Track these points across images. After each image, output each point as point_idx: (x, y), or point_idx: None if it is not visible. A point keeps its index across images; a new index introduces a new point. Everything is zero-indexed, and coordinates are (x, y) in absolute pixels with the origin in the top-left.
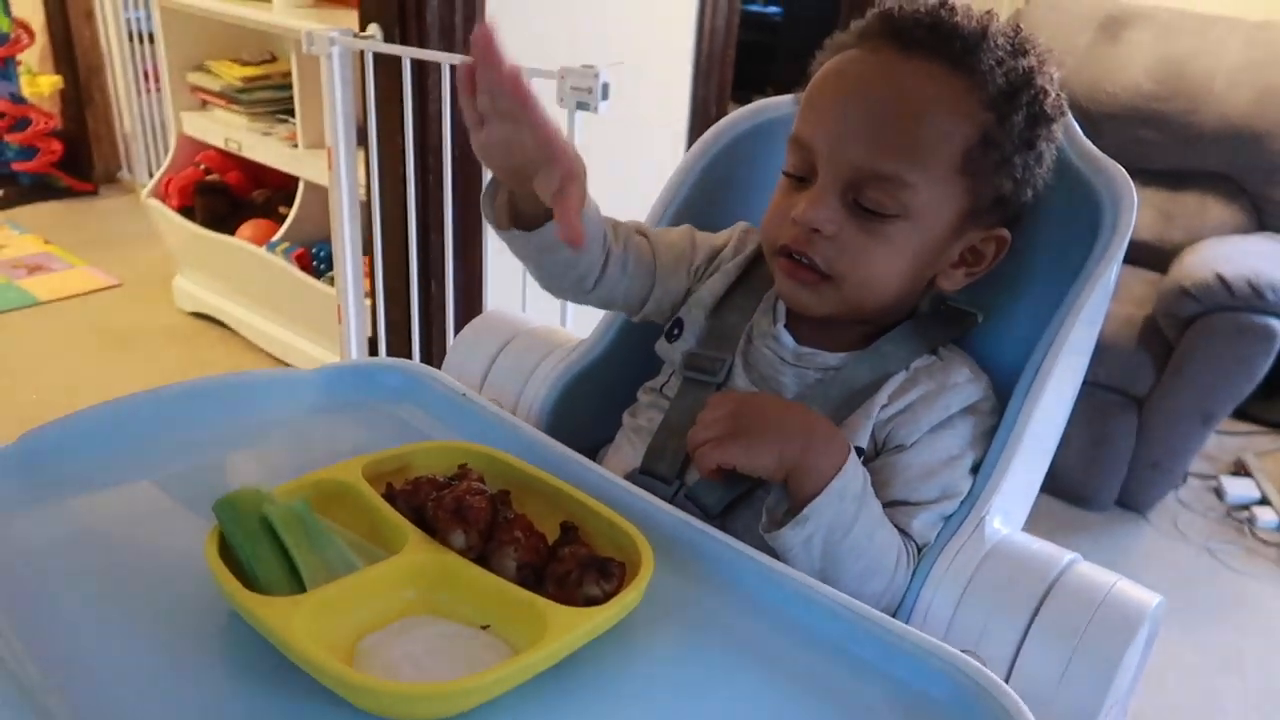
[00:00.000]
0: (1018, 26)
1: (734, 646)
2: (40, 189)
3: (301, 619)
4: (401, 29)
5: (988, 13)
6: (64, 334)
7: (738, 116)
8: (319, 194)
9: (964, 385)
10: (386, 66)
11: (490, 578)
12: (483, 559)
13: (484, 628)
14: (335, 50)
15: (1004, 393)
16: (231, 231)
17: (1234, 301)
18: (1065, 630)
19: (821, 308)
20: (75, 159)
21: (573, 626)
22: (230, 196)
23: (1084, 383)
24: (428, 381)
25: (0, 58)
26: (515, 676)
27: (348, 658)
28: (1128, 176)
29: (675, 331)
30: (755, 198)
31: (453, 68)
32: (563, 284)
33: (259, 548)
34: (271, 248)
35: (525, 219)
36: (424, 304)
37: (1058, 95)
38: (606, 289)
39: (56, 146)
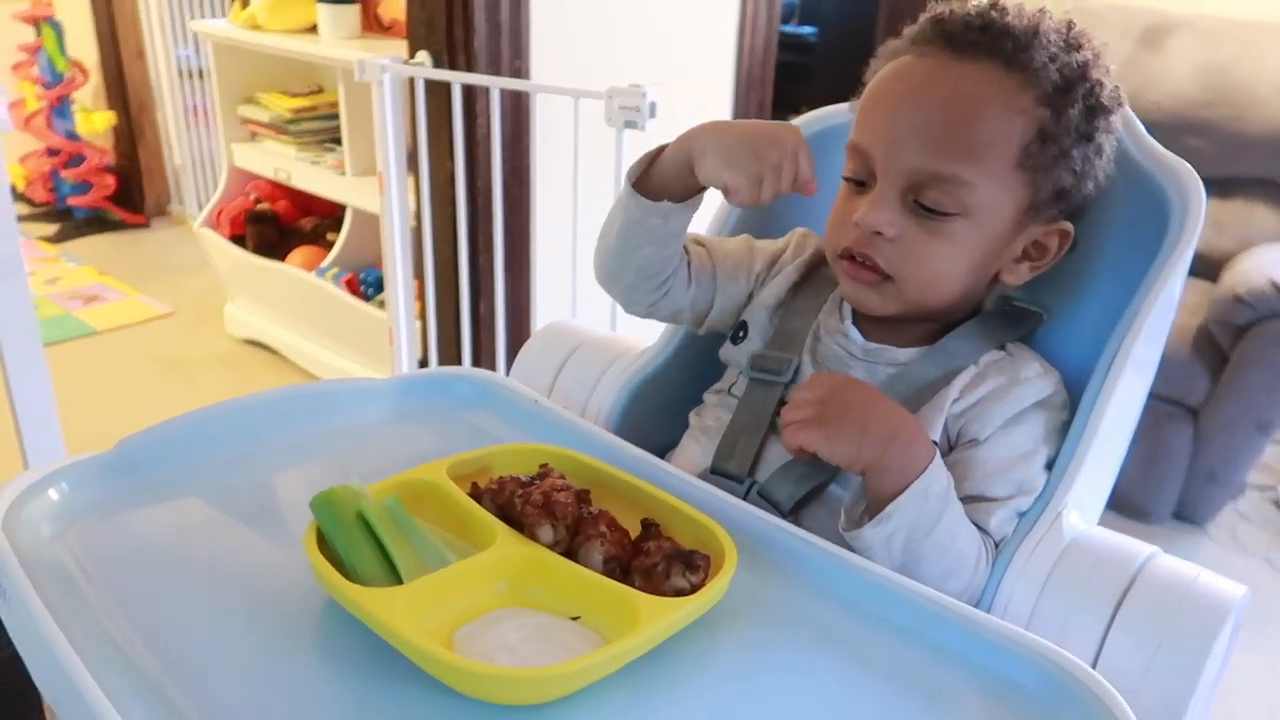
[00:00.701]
0: (1070, 22)
1: (815, 637)
2: (94, 222)
3: (401, 608)
4: (450, 55)
5: (1040, 10)
6: (121, 362)
7: (797, 126)
8: (366, 220)
9: (1035, 380)
10: (435, 92)
11: (580, 570)
12: (570, 554)
13: (575, 619)
14: (387, 77)
15: (1070, 391)
16: (282, 259)
17: None
18: (1150, 622)
19: (886, 307)
20: (128, 193)
21: (663, 616)
22: (280, 225)
23: None
24: (499, 389)
25: (57, 96)
26: (610, 663)
27: (445, 647)
28: (1195, 174)
29: (740, 334)
30: (816, 205)
31: (501, 91)
32: (651, 283)
33: (356, 542)
34: (321, 273)
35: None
36: (474, 324)
37: (1115, 87)
38: (675, 296)
39: (110, 181)
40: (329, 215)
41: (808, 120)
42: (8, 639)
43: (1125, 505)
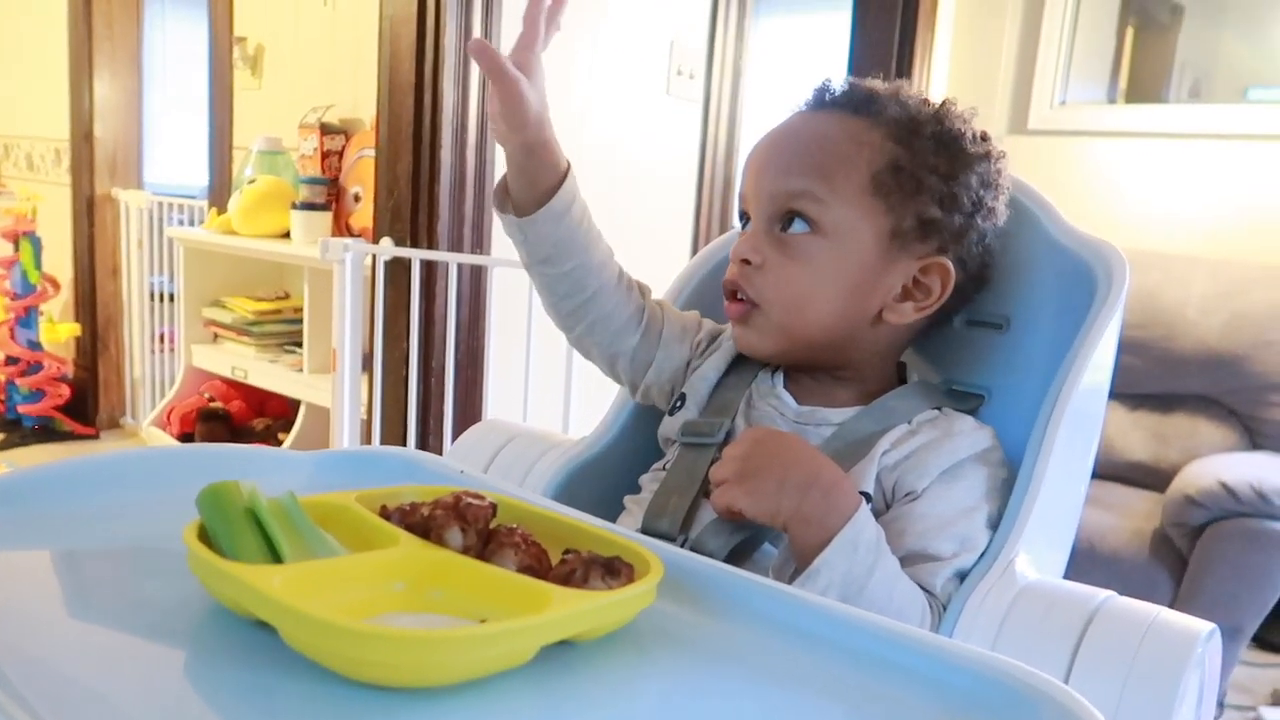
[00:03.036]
0: (946, 99)
1: (754, 665)
2: (42, 432)
3: (278, 586)
4: (412, 240)
5: (902, 84)
6: None
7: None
8: (319, 415)
9: (970, 433)
10: (396, 279)
11: (489, 569)
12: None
13: (482, 621)
14: (349, 256)
15: (1016, 464)
16: None
17: (1240, 507)
18: (1113, 660)
19: (763, 342)
20: (81, 404)
21: (578, 604)
22: (231, 424)
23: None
24: (424, 463)
25: (25, 307)
26: (514, 638)
27: None
28: (1114, 246)
29: (678, 404)
30: None
31: (460, 273)
32: (568, 289)
33: (241, 534)
34: None
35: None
36: None
37: (980, 139)
38: (615, 331)
39: (64, 390)
40: (282, 416)
41: (722, 242)
42: None
43: None
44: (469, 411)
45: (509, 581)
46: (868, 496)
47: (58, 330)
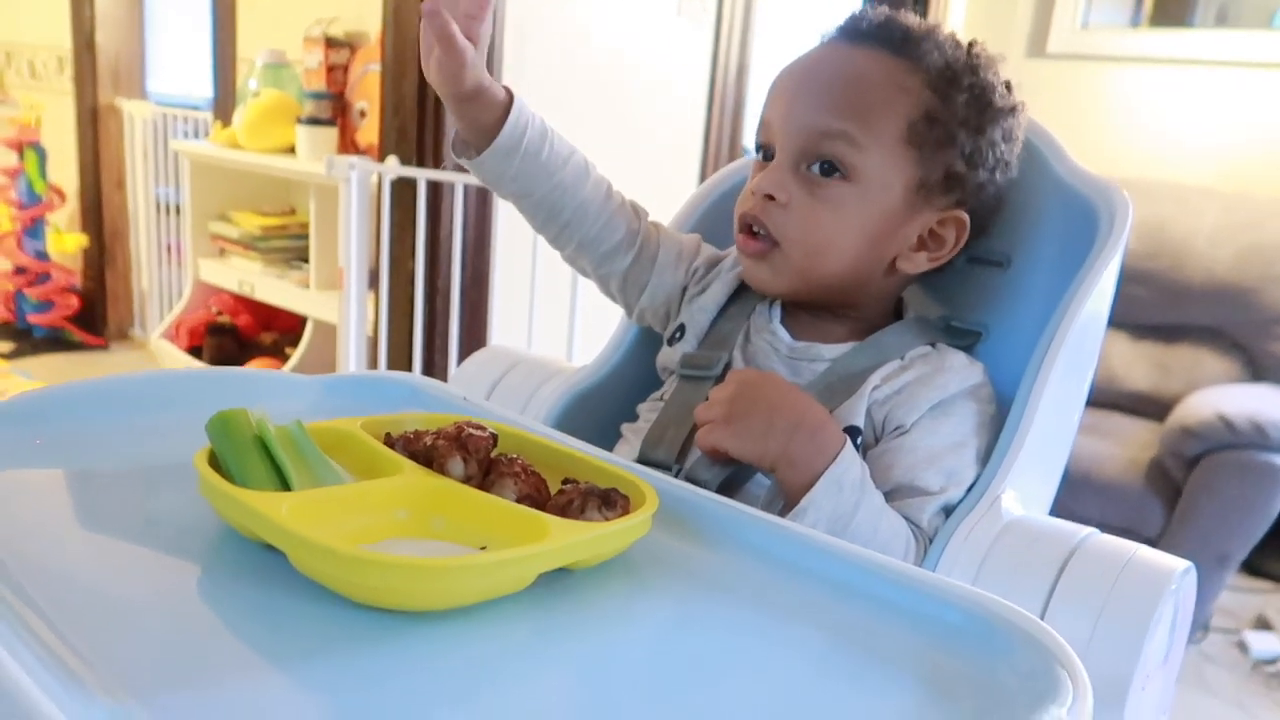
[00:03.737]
0: (974, 40)
1: (740, 593)
2: (53, 342)
3: (289, 512)
4: (418, 159)
5: (936, 25)
6: None
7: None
8: (326, 331)
9: (961, 369)
10: (402, 198)
11: (489, 498)
12: (481, 490)
13: (481, 549)
14: (354, 175)
15: (1007, 402)
16: None
17: (1237, 440)
18: (1089, 595)
19: (777, 281)
20: (91, 315)
21: (575, 534)
22: (239, 338)
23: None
24: (428, 389)
25: (31, 218)
26: (513, 567)
27: None
28: (1119, 188)
29: (678, 335)
30: None
31: (465, 195)
32: (545, 216)
33: (250, 462)
34: None
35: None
36: None
37: (1007, 90)
38: (608, 251)
39: (73, 301)
40: (289, 330)
41: (733, 169)
42: None
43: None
44: (474, 332)
45: (508, 511)
46: (858, 430)
47: (65, 241)
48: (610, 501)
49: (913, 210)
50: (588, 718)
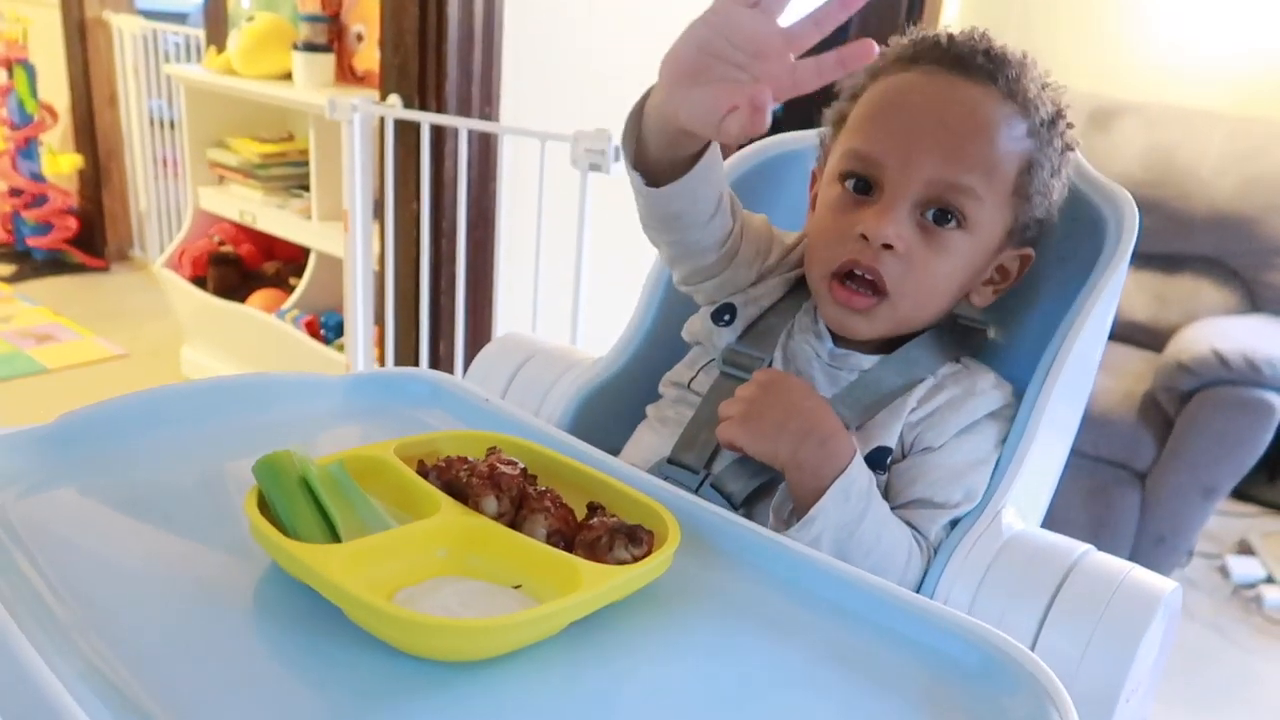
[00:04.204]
0: (1035, 59)
1: (760, 620)
2: (53, 264)
3: (338, 565)
4: (421, 99)
5: (1005, 44)
6: (72, 401)
7: (764, 145)
8: (330, 264)
9: (990, 392)
10: (405, 135)
11: (523, 539)
12: (514, 526)
13: (516, 587)
14: (357, 117)
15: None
16: (242, 301)
17: (1231, 375)
18: (1083, 613)
19: (871, 330)
20: (90, 236)
21: (604, 581)
22: (242, 268)
23: (1086, 456)
24: (451, 388)
25: (24, 138)
26: (550, 620)
27: None
28: (1128, 195)
29: (725, 319)
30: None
31: (469, 134)
32: (670, 234)
33: (297, 505)
34: (281, 315)
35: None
36: (433, 365)
37: (1073, 127)
38: (695, 249)
39: (72, 223)
40: (292, 260)
41: (765, 145)
42: None
43: None
44: (480, 270)
45: (541, 553)
46: (889, 451)
47: (60, 162)
48: (636, 539)
49: (1000, 252)
50: None
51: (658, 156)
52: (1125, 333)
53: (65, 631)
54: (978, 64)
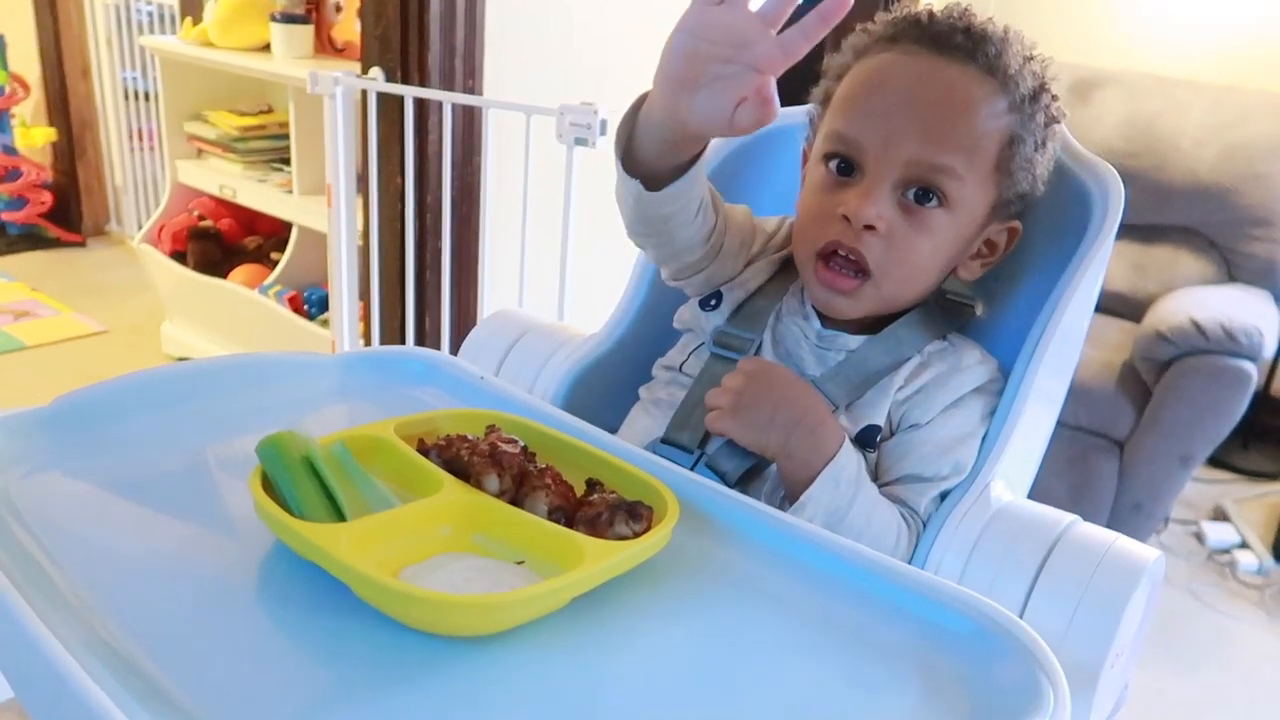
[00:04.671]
0: (1020, 33)
1: (756, 592)
2: (29, 239)
3: (345, 543)
4: (403, 73)
5: (990, 19)
6: (50, 378)
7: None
8: (312, 239)
9: (975, 367)
10: (388, 109)
11: (525, 515)
12: (515, 503)
13: (519, 563)
14: (339, 90)
15: (1004, 377)
16: (223, 277)
17: (1208, 345)
18: (1070, 582)
19: (856, 310)
20: (65, 211)
21: (606, 557)
22: (223, 243)
23: (1066, 425)
24: (446, 366)
25: None
26: (554, 596)
27: None
28: (1114, 171)
29: (712, 304)
30: (763, 198)
31: (453, 108)
32: (656, 239)
33: (302, 485)
34: (264, 291)
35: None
36: (419, 340)
37: (1060, 100)
38: (679, 248)
39: (46, 198)
40: (273, 234)
41: None
42: None
43: None
44: (465, 245)
45: (543, 529)
46: (878, 430)
47: (32, 135)
48: (636, 514)
49: (984, 228)
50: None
51: (655, 162)
52: (1104, 303)
53: (72, 608)
54: (956, 43)
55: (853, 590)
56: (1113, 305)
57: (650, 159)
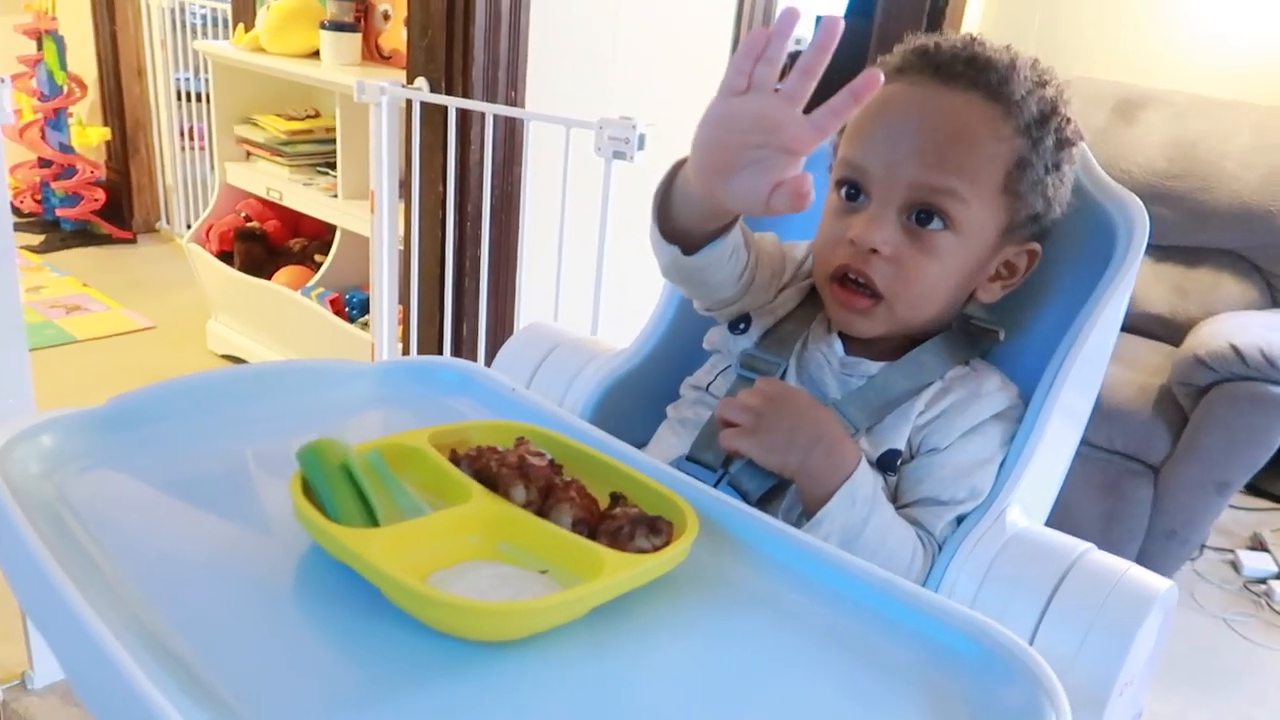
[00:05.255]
0: (1035, 59)
1: (771, 608)
2: (81, 235)
3: (377, 548)
4: (447, 83)
5: (1007, 46)
6: (99, 372)
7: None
8: (355, 243)
9: (995, 394)
10: (431, 118)
11: (550, 526)
12: (541, 515)
13: (543, 572)
14: (385, 100)
15: (1025, 403)
16: (268, 277)
17: (1248, 371)
18: (1081, 609)
19: (873, 330)
20: (117, 208)
21: (625, 569)
22: (268, 244)
23: (1099, 449)
24: (480, 378)
25: (53, 109)
26: (575, 605)
27: None
28: (1139, 201)
29: (742, 326)
30: (791, 222)
31: (495, 118)
32: (717, 279)
33: (339, 490)
34: (306, 292)
35: (686, 234)
36: (456, 346)
37: (1076, 122)
38: (712, 286)
39: (100, 195)
40: (317, 237)
41: None
42: None
43: None
44: (504, 252)
45: (566, 540)
46: (898, 454)
47: (88, 134)
48: (656, 529)
49: (998, 250)
50: None
51: (693, 229)
52: (1143, 325)
53: (120, 599)
54: (958, 72)
55: (864, 609)
56: (1152, 328)
57: (687, 226)
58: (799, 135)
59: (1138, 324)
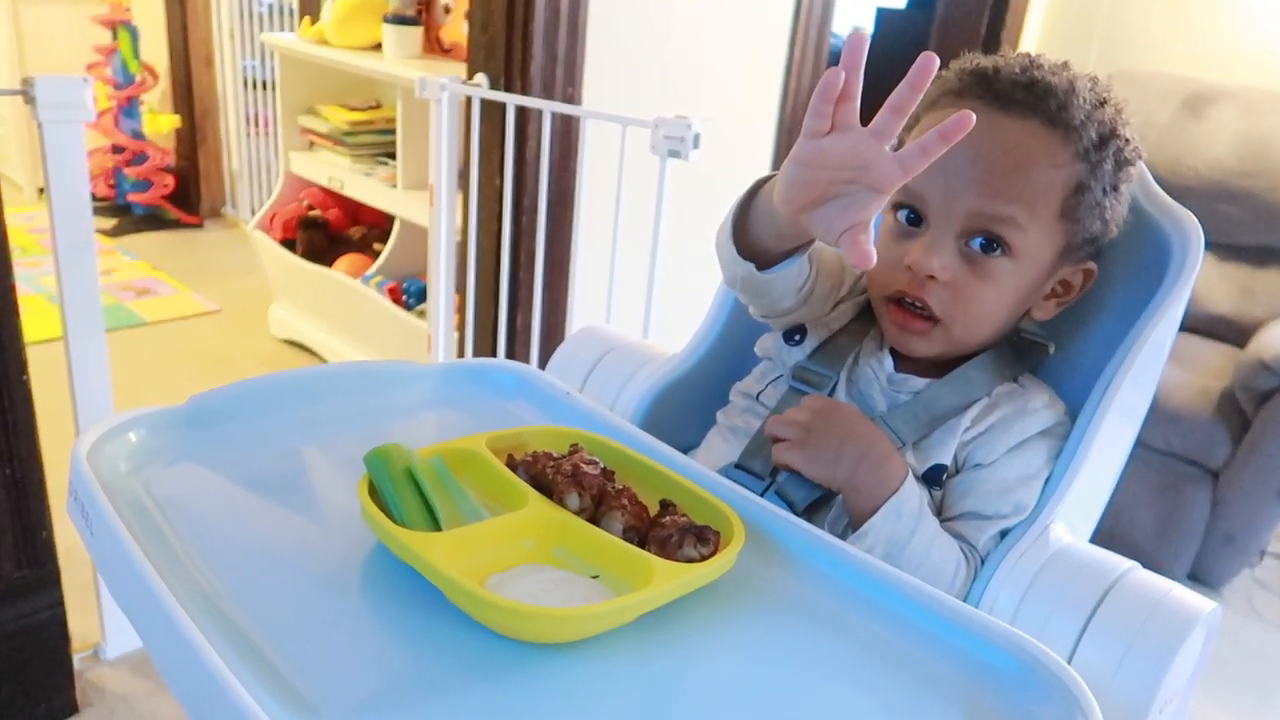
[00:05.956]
0: (1094, 77)
1: (815, 618)
2: (151, 220)
3: (440, 551)
4: (506, 79)
5: (1064, 64)
6: (167, 354)
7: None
8: (413, 232)
9: (1041, 411)
10: (490, 113)
11: (602, 534)
12: (593, 521)
13: (594, 577)
14: (445, 95)
15: (1071, 417)
16: (329, 264)
17: None
18: (1122, 627)
19: (929, 350)
20: (185, 194)
21: (674, 577)
22: (329, 232)
23: (1157, 452)
24: (535, 381)
25: (127, 97)
26: (625, 612)
27: None
28: (1195, 219)
29: (796, 337)
30: None
31: (552, 115)
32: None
33: (404, 494)
34: (365, 280)
35: (761, 252)
36: (510, 337)
37: (1136, 143)
38: (774, 299)
39: (169, 180)
40: (377, 226)
41: None
42: (31, 608)
43: (1140, 561)
44: (558, 249)
45: (618, 548)
46: (944, 469)
47: (159, 121)
48: (704, 538)
49: (1055, 271)
50: None
51: (769, 247)
52: (1206, 326)
53: (205, 594)
54: (1017, 99)
55: (905, 621)
56: (1215, 329)
57: (765, 244)
58: (887, 173)
59: (1200, 324)
